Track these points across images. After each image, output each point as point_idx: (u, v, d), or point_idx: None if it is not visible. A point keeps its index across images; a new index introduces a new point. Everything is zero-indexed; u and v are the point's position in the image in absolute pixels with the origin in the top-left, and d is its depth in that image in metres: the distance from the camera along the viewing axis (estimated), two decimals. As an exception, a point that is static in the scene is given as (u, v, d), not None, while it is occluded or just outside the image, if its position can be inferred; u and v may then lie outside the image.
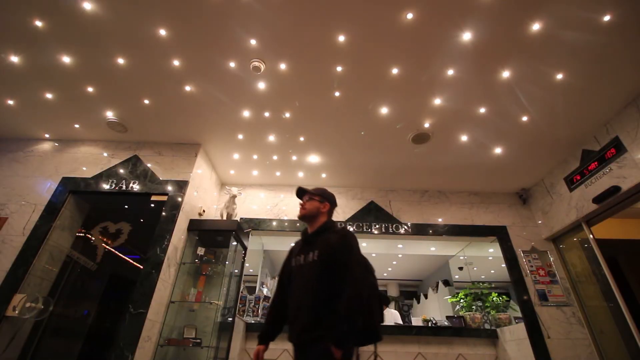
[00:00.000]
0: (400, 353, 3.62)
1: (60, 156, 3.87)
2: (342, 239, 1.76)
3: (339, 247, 1.72)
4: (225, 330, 3.52)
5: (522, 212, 4.52)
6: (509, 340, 3.65)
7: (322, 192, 2.03)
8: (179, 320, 3.43)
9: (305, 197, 2.01)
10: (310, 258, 1.77)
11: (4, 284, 3.02)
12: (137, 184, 3.67)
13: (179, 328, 3.38)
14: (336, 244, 1.73)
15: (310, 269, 1.73)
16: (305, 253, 1.82)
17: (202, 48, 2.80)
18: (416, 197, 4.70)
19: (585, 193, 3.55)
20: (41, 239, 3.27)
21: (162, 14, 2.56)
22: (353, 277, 1.61)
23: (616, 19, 2.43)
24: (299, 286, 1.74)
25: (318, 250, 1.75)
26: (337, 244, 1.74)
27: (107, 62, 2.94)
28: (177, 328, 3.39)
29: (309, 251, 1.80)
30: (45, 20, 2.61)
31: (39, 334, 3.28)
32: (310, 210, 1.94)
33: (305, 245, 1.87)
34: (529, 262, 4.05)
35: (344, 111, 3.40)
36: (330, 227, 1.89)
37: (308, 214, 1.94)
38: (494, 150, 3.85)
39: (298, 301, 1.70)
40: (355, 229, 4.39)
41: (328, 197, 2.03)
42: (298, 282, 1.77)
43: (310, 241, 1.87)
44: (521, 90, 3.04)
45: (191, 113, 3.52)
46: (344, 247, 1.72)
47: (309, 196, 1.99)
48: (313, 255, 1.75)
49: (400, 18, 2.51)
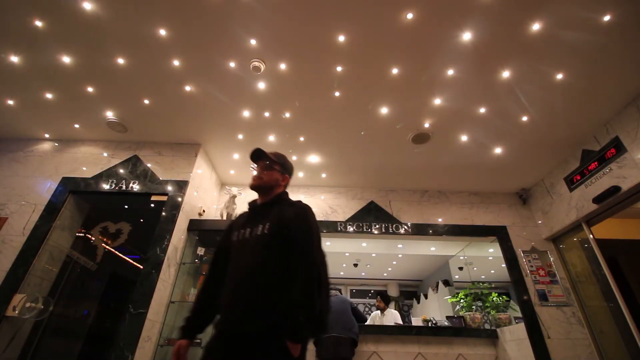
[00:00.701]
0: (400, 353, 3.61)
1: (60, 156, 3.87)
2: (301, 213, 1.50)
3: (296, 222, 1.45)
4: (225, 330, 3.51)
5: (522, 212, 4.52)
6: (509, 341, 3.65)
7: (283, 160, 1.73)
8: (179, 320, 3.43)
9: (262, 163, 1.69)
10: (258, 231, 1.47)
11: (4, 284, 3.02)
12: (137, 184, 3.67)
13: (179, 328, 3.38)
14: (294, 219, 1.46)
15: (257, 243, 1.44)
16: (252, 226, 1.52)
17: (202, 48, 2.80)
18: (416, 197, 4.70)
19: (585, 193, 3.55)
20: (41, 239, 3.27)
21: (162, 14, 2.56)
22: (311, 259, 1.37)
23: (616, 19, 2.43)
24: (241, 264, 1.43)
25: (269, 222, 1.48)
26: (294, 218, 1.47)
27: (107, 62, 2.94)
28: (177, 328, 3.37)
29: (257, 223, 1.51)
30: (45, 20, 2.61)
31: (39, 334, 3.28)
32: (269, 182, 1.64)
33: (253, 217, 1.58)
34: (529, 262, 4.05)
35: (344, 111, 3.40)
36: (286, 199, 1.64)
37: (264, 185, 1.63)
38: (494, 150, 3.85)
39: (239, 282, 1.38)
40: (355, 229, 4.39)
41: (289, 168, 1.76)
42: (240, 259, 1.45)
43: (259, 212, 1.58)
44: (521, 90, 3.04)
45: (191, 113, 3.52)
46: (303, 223, 1.46)
47: (267, 163, 1.67)
48: (263, 228, 1.47)
49: (400, 18, 2.51)
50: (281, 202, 1.60)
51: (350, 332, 3.32)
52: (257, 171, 1.68)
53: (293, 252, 1.39)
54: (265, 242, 1.43)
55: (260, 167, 1.69)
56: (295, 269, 1.34)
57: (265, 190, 1.64)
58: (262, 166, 1.68)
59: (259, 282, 1.35)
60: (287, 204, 1.58)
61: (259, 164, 1.70)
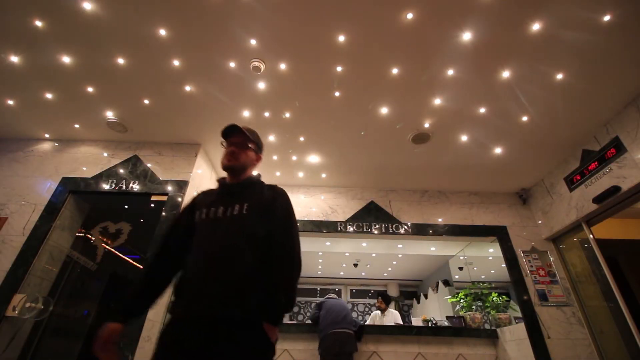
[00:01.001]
0: (400, 353, 3.61)
1: (60, 156, 3.87)
2: (281, 198, 1.48)
3: (278, 205, 1.44)
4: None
5: (522, 212, 4.52)
6: (509, 341, 3.65)
7: (257, 138, 1.65)
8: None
9: (237, 139, 1.56)
10: (235, 211, 1.39)
11: (4, 284, 3.02)
12: (137, 184, 3.67)
13: (111, 311, 3.34)
14: (274, 202, 1.45)
15: (233, 223, 1.37)
16: (226, 205, 1.42)
17: (202, 48, 2.80)
18: (416, 197, 4.70)
19: (586, 193, 3.55)
20: (41, 239, 3.27)
21: (162, 14, 2.56)
22: (291, 244, 1.37)
23: (616, 19, 2.43)
24: (215, 244, 1.32)
25: (247, 203, 1.41)
26: (275, 201, 1.45)
27: (107, 62, 2.94)
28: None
29: (233, 203, 1.42)
30: (46, 20, 2.61)
31: (39, 334, 3.28)
32: (244, 163, 1.55)
33: (226, 196, 1.49)
34: (529, 262, 4.05)
35: (344, 111, 3.40)
36: (260, 181, 1.59)
37: (239, 166, 1.53)
38: (494, 150, 3.84)
39: (212, 263, 1.27)
40: (355, 229, 4.39)
41: (261, 146, 1.69)
42: (212, 239, 1.34)
43: (233, 192, 1.50)
44: (521, 90, 3.04)
45: (191, 113, 3.52)
46: (284, 208, 1.45)
47: (243, 142, 1.56)
48: (240, 208, 1.40)
49: (400, 18, 2.51)
50: (256, 184, 1.55)
51: (355, 327, 3.53)
52: (231, 149, 1.55)
53: (274, 235, 1.36)
54: (243, 223, 1.37)
55: (234, 145, 1.56)
56: (279, 252, 1.33)
57: (239, 170, 1.54)
58: (236, 144, 1.56)
59: (238, 263, 1.26)
60: (263, 186, 1.54)
61: (231, 141, 1.57)
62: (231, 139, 1.57)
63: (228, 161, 1.53)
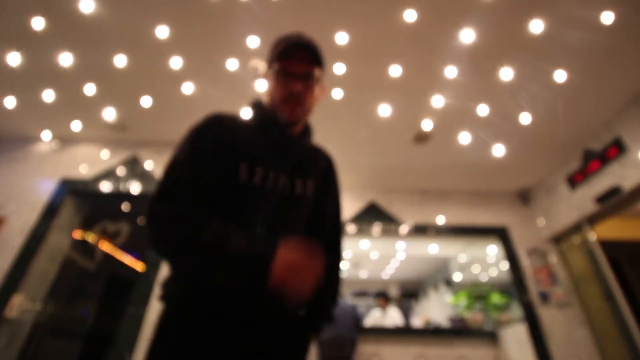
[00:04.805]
0: (400, 354, 3.60)
1: (59, 156, 3.86)
2: (334, 170, 1.17)
3: (333, 185, 1.12)
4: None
5: (523, 212, 4.50)
6: (510, 341, 3.63)
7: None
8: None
9: (303, 67, 1.05)
10: (297, 190, 0.99)
11: (2, 285, 3.01)
12: (136, 184, 3.66)
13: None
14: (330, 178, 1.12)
15: (297, 208, 0.99)
16: (290, 174, 0.99)
17: (202, 48, 2.79)
18: (416, 197, 4.68)
19: (587, 193, 3.53)
20: (40, 239, 3.26)
21: (162, 14, 2.55)
22: (339, 237, 1.10)
23: (618, 18, 2.41)
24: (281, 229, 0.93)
25: (311, 180, 1.04)
26: (331, 177, 1.12)
27: (107, 61, 2.92)
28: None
29: (302, 176, 1.02)
30: (45, 20, 2.60)
31: (38, 334, 3.27)
32: (310, 108, 1.10)
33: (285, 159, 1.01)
34: (529, 263, 4.03)
35: (344, 111, 3.38)
36: (311, 130, 1.18)
37: (305, 115, 1.09)
38: (495, 149, 3.82)
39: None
40: (355, 229, 4.38)
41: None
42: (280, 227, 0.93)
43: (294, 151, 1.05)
44: (522, 90, 3.03)
45: (191, 113, 3.48)
46: (338, 190, 1.14)
47: (310, 71, 1.06)
48: (304, 187, 1.01)
49: (400, 18, 2.50)
50: (309, 135, 1.13)
51: (352, 332, 3.49)
52: (295, 86, 0.99)
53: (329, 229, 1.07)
54: (307, 210, 1.02)
55: (299, 78, 1.01)
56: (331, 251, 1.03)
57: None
58: (302, 75, 1.02)
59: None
60: (313, 144, 1.16)
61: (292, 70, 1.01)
62: (292, 65, 1.01)
63: (291, 112, 1.01)
